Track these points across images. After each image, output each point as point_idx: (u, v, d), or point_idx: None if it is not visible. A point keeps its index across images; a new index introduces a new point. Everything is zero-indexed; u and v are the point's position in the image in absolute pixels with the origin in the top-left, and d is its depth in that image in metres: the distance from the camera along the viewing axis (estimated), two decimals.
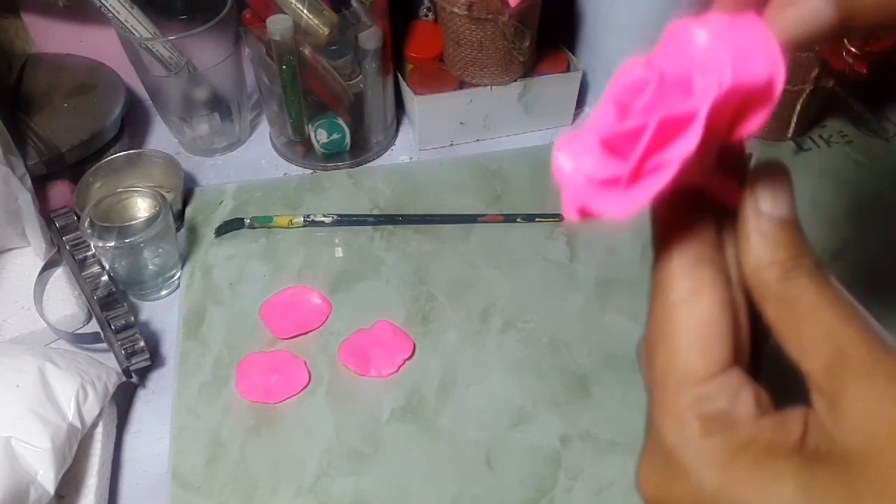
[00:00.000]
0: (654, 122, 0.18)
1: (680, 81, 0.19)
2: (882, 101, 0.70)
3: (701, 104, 0.18)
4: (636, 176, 0.19)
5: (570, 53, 0.68)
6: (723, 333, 0.20)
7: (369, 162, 0.66)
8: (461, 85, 0.66)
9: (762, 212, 0.21)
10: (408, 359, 0.50)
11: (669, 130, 0.18)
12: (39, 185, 0.57)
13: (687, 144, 0.18)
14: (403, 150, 0.68)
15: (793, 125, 0.65)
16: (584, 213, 0.20)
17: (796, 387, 0.20)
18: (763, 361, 0.22)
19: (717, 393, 0.20)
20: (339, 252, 0.57)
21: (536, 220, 0.59)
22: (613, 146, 0.20)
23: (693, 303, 0.20)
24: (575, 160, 0.21)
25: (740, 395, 0.20)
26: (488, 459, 0.45)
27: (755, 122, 0.19)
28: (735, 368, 0.20)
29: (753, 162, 0.22)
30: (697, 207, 0.21)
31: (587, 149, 0.20)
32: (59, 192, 0.59)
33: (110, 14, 0.56)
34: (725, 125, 0.19)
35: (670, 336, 0.20)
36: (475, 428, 0.47)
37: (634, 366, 0.23)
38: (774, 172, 0.21)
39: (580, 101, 0.70)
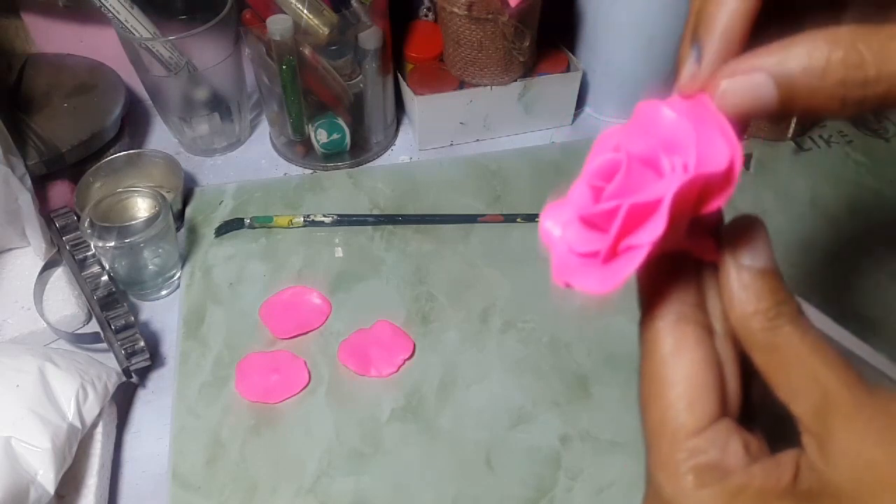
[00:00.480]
0: (624, 210, 0.20)
1: (648, 160, 0.21)
2: None
3: (667, 191, 0.19)
4: (612, 254, 0.21)
5: (569, 53, 0.68)
6: (707, 388, 0.21)
7: (369, 162, 0.67)
8: (461, 85, 0.66)
9: (741, 265, 0.22)
10: (408, 359, 0.50)
11: (639, 214, 0.20)
12: (39, 185, 0.57)
13: (655, 230, 0.19)
14: (403, 150, 0.68)
15: (793, 125, 0.65)
16: (569, 286, 0.22)
17: (793, 427, 0.21)
18: (755, 405, 0.23)
19: (707, 445, 0.21)
20: (339, 252, 0.57)
21: (536, 220, 0.59)
22: (591, 223, 0.22)
23: (677, 361, 0.22)
24: (561, 227, 0.22)
25: (730, 445, 0.21)
26: (488, 459, 0.45)
27: (718, 202, 0.21)
28: (724, 420, 0.21)
29: (753, 163, 0.23)
30: (677, 267, 0.23)
31: (570, 220, 0.22)
32: (59, 192, 0.59)
33: (110, 14, 0.56)
34: (691, 204, 0.21)
35: (659, 393, 0.22)
36: (475, 428, 0.47)
37: (634, 366, 0.23)
38: (749, 226, 0.22)
39: (580, 101, 0.70)
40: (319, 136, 0.64)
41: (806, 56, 0.19)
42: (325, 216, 0.58)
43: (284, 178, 0.65)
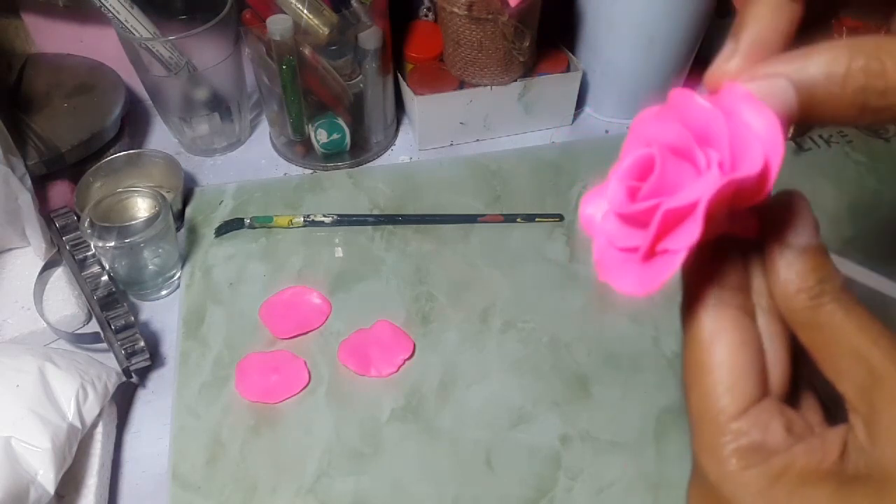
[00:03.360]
0: (659, 215, 0.20)
1: (682, 152, 0.20)
2: None
3: (702, 196, 0.19)
4: (651, 254, 0.21)
5: (569, 53, 0.68)
6: (747, 370, 0.21)
7: (369, 162, 0.66)
8: (461, 85, 0.66)
9: (784, 243, 0.21)
10: (408, 359, 0.50)
11: (676, 217, 0.20)
12: (39, 185, 0.57)
13: (691, 234, 0.19)
14: (403, 150, 0.68)
15: (793, 125, 0.65)
16: (609, 284, 0.22)
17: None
18: (807, 379, 0.23)
19: (749, 427, 0.21)
20: (339, 252, 0.57)
21: (536, 220, 0.59)
22: (629, 219, 0.21)
23: (715, 347, 0.22)
24: (602, 216, 0.22)
25: (771, 426, 0.21)
26: (488, 459, 0.45)
27: (756, 199, 0.20)
28: (766, 400, 0.21)
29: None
30: (718, 250, 0.22)
31: (609, 212, 0.22)
32: (59, 192, 0.59)
33: (110, 14, 0.56)
34: (729, 200, 0.20)
35: (699, 378, 0.22)
36: (475, 428, 0.47)
37: (634, 366, 0.24)
38: (792, 202, 0.22)
39: (580, 101, 0.70)
40: (319, 136, 0.64)
41: (826, 63, 0.19)
42: (325, 216, 0.58)
43: (284, 178, 0.65)
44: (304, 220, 0.58)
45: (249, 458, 0.45)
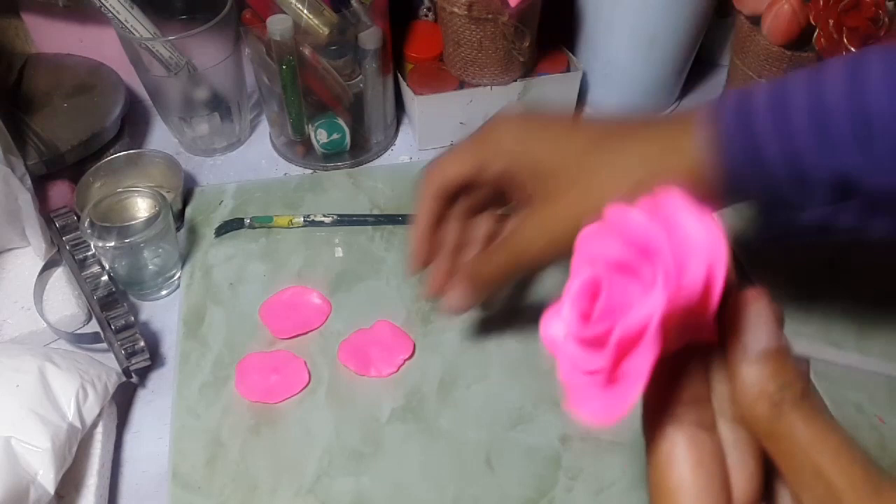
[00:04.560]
0: (614, 342, 0.20)
1: (627, 268, 0.21)
2: None
3: (651, 313, 0.19)
4: (613, 377, 0.21)
5: (570, 53, 0.68)
6: (704, 490, 0.21)
7: (369, 162, 0.66)
8: (461, 85, 0.66)
9: (744, 348, 0.21)
10: (408, 359, 0.50)
11: (631, 339, 0.20)
12: (39, 185, 0.57)
13: (648, 356, 0.19)
14: (403, 150, 0.68)
15: None
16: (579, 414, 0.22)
17: None
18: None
19: None
20: (339, 252, 0.57)
21: None
22: (586, 343, 0.21)
23: (672, 467, 0.22)
24: (563, 335, 0.23)
25: None
26: (488, 459, 0.45)
27: (709, 307, 0.20)
28: None
29: None
30: (676, 360, 0.22)
31: (568, 335, 0.22)
32: (59, 192, 0.59)
33: (110, 14, 0.56)
34: (681, 312, 0.20)
35: (659, 501, 0.22)
36: (475, 428, 0.47)
37: None
38: (751, 302, 0.21)
39: (580, 101, 0.70)
40: (319, 136, 0.64)
41: None
42: (325, 216, 0.58)
43: (284, 178, 0.65)
44: (304, 220, 0.58)
45: (249, 458, 0.45)
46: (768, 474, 0.22)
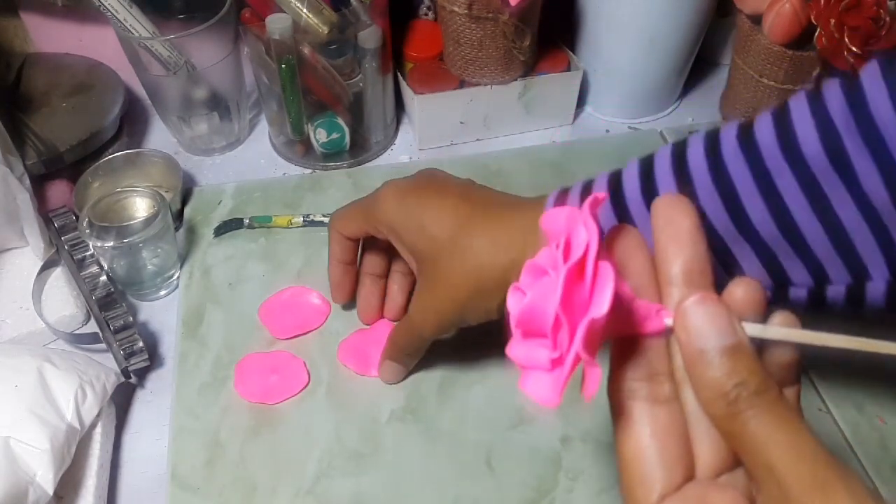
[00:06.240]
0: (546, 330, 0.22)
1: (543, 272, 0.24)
2: None
3: (554, 292, 0.22)
4: (556, 362, 0.23)
5: (570, 52, 0.68)
6: (658, 461, 0.22)
7: (369, 161, 0.66)
8: (461, 84, 0.65)
9: (699, 346, 0.21)
10: None
11: (541, 324, 0.23)
12: (38, 185, 0.57)
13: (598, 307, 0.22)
14: (403, 150, 0.68)
15: None
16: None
17: None
18: None
19: None
20: None
21: None
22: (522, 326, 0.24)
23: (627, 439, 0.23)
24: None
25: None
26: (488, 460, 0.45)
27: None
28: (689, 485, 0.22)
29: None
30: (628, 345, 0.24)
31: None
32: (58, 191, 0.59)
33: (109, 13, 0.56)
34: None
35: (620, 471, 0.23)
36: (475, 428, 0.47)
37: None
38: (703, 301, 0.22)
39: (581, 101, 0.70)
40: (319, 135, 0.63)
41: None
42: (324, 216, 0.58)
43: (284, 177, 0.65)
44: (304, 220, 0.58)
45: (249, 458, 0.45)
46: None
